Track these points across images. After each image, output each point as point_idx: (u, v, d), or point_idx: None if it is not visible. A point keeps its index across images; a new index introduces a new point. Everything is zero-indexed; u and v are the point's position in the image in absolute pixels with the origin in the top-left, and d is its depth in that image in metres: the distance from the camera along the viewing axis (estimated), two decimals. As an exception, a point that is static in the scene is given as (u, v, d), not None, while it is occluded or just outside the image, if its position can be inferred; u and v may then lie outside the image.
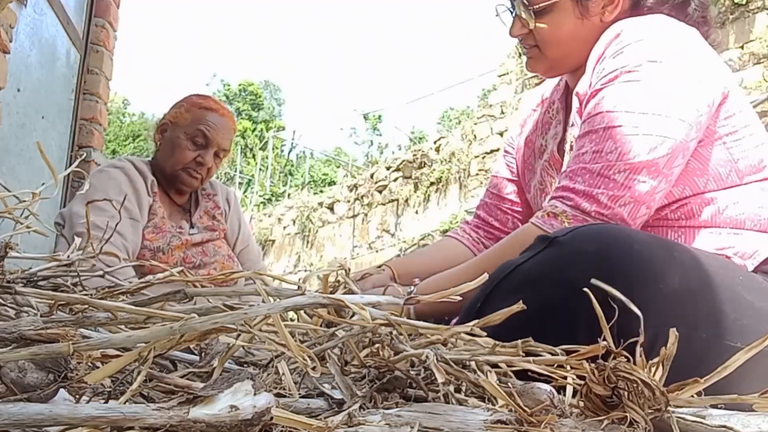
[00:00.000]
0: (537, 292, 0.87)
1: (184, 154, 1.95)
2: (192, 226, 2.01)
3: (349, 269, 0.83)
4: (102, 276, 0.97)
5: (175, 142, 1.96)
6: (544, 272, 0.89)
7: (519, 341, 0.70)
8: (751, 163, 1.09)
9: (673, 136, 1.02)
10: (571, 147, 1.20)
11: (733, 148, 1.09)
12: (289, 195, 14.53)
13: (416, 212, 8.14)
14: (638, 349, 0.60)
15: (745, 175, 1.09)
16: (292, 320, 0.78)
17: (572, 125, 1.21)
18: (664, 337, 0.79)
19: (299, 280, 0.71)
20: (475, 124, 7.34)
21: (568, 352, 0.69)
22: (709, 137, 1.09)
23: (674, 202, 1.09)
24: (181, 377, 0.66)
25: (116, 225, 1.33)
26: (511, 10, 1.22)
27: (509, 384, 0.66)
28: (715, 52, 1.15)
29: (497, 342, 0.71)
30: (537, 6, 1.16)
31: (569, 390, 0.64)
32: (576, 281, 0.76)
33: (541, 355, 0.70)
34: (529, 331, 0.75)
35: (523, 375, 0.68)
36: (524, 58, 1.30)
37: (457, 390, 0.67)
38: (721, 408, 0.60)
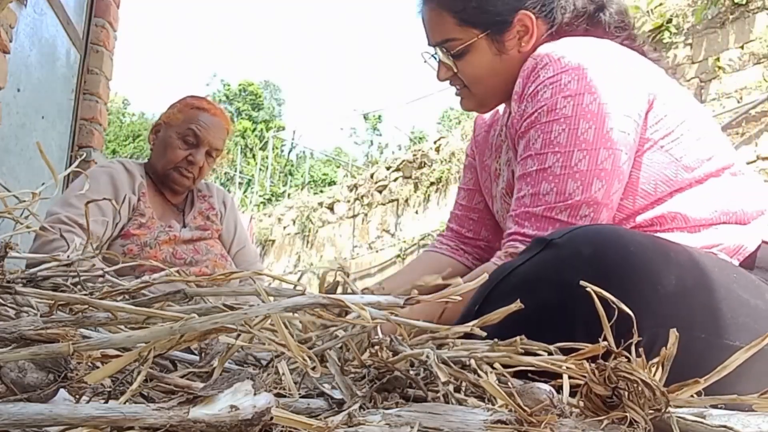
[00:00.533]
0: (534, 294, 0.87)
1: (175, 153, 1.97)
2: (184, 226, 2.02)
3: (348, 273, 0.83)
4: (102, 276, 0.97)
5: (167, 142, 1.99)
6: (541, 274, 0.90)
7: (517, 338, 0.70)
8: (697, 156, 1.09)
9: (604, 166, 1.05)
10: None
11: (673, 149, 1.10)
12: (289, 195, 14.52)
13: (416, 212, 8.14)
14: (634, 349, 0.60)
15: (694, 169, 1.09)
16: (291, 323, 0.78)
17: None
18: (663, 337, 0.79)
19: (298, 279, 0.71)
20: (475, 124, 7.33)
21: (568, 352, 0.69)
22: (643, 145, 1.10)
23: (635, 213, 1.10)
24: (181, 377, 0.66)
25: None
26: (435, 57, 1.25)
27: (509, 384, 0.66)
28: (637, 57, 1.15)
29: (495, 342, 0.71)
30: (455, 50, 1.19)
31: (566, 387, 0.64)
32: (573, 283, 0.77)
33: (537, 354, 0.70)
34: (527, 332, 0.75)
35: (521, 374, 0.69)
36: None
37: (457, 390, 0.67)
38: (721, 408, 0.60)
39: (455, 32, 1.18)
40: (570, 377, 0.65)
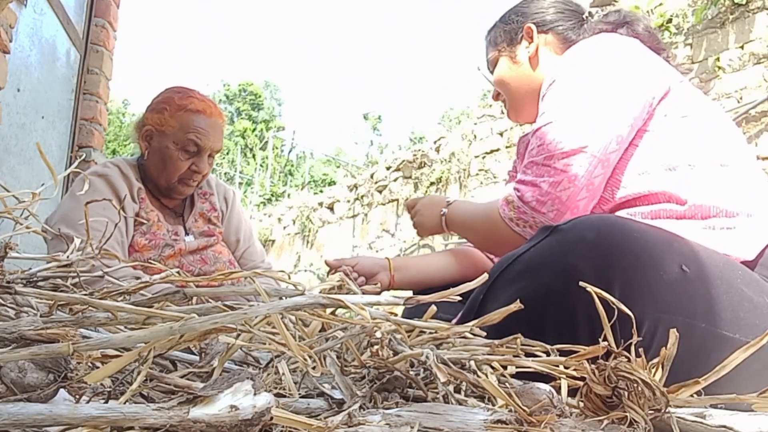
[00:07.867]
0: (538, 279, 0.89)
1: (178, 166, 1.81)
2: (187, 233, 1.88)
3: (349, 278, 0.83)
4: (102, 276, 0.97)
5: (166, 154, 1.81)
6: (545, 259, 0.91)
7: (517, 338, 0.70)
8: (713, 140, 1.12)
9: (602, 123, 1.13)
10: None
11: (690, 126, 1.14)
12: (289, 195, 14.51)
13: (416, 212, 8.12)
14: (634, 349, 0.60)
15: (709, 151, 1.11)
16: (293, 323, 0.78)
17: None
18: (665, 323, 0.80)
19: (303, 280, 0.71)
20: (475, 124, 7.33)
21: (568, 352, 0.69)
22: (659, 116, 1.15)
23: (645, 173, 1.13)
24: (181, 377, 0.66)
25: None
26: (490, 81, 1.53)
27: (508, 384, 0.66)
28: (659, 58, 1.25)
29: (495, 343, 0.71)
30: (491, 67, 1.50)
31: (564, 387, 0.64)
32: (576, 267, 0.78)
33: (536, 355, 0.70)
34: (531, 316, 0.76)
35: (522, 372, 0.69)
36: None
37: (457, 390, 0.67)
38: (721, 407, 0.60)
39: (491, 54, 1.49)
40: (570, 377, 0.65)
